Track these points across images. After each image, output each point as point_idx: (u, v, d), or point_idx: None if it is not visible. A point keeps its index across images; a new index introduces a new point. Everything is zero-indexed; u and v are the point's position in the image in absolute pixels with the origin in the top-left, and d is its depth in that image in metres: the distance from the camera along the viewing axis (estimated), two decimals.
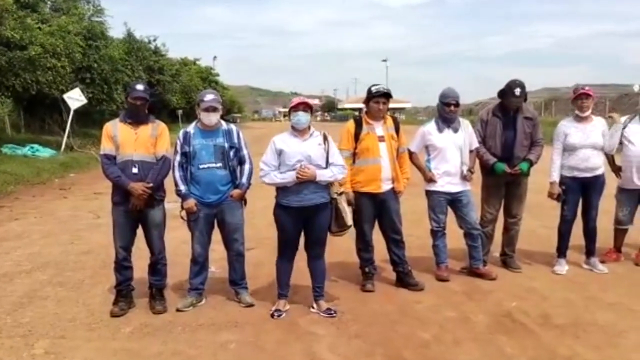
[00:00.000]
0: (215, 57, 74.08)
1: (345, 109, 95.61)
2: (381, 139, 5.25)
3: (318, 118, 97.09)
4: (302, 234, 4.86)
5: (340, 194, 4.89)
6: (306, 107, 4.73)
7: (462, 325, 4.58)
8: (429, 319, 4.71)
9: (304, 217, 4.73)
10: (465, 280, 5.72)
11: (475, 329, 4.53)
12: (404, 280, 5.47)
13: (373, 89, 5.24)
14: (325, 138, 4.78)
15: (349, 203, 5.10)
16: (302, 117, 4.70)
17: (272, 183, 4.72)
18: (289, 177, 4.62)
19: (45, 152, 19.06)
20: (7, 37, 18.07)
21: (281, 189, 4.73)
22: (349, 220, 4.91)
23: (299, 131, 4.74)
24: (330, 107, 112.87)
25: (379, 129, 5.27)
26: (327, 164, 4.71)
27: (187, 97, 45.51)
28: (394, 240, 5.42)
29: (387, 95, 5.22)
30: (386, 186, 5.27)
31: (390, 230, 5.40)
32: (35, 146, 19.47)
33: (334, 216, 4.84)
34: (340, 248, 6.01)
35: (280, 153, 4.69)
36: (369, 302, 5.13)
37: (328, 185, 4.77)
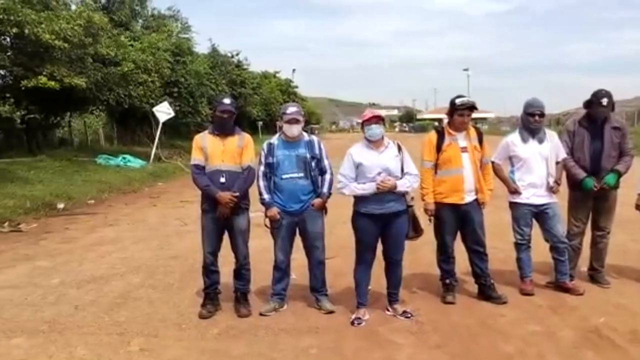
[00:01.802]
0: (294, 70, 75.46)
1: (425, 120, 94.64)
2: (464, 149, 5.23)
3: (396, 129, 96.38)
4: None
5: (412, 198, 4.99)
6: (378, 119, 4.85)
7: (546, 340, 4.47)
8: (512, 333, 4.63)
9: (382, 224, 4.84)
10: (551, 294, 5.56)
11: (561, 343, 4.41)
12: (486, 293, 5.40)
13: (457, 101, 5.24)
14: (399, 148, 4.90)
15: (430, 214, 5.20)
16: (376, 129, 4.82)
17: (352, 194, 4.86)
18: (369, 188, 4.73)
19: (135, 163, 20.09)
20: (103, 54, 19.25)
21: (361, 198, 4.85)
22: (423, 225, 5.06)
23: (374, 142, 4.85)
24: (408, 118, 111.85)
25: (461, 139, 5.25)
26: (402, 173, 4.82)
27: (267, 109, 46.66)
28: (477, 253, 5.37)
29: (471, 108, 5.21)
30: (469, 197, 5.23)
31: (473, 243, 5.35)
32: (127, 157, 20.57)
33: (410, 222, 4.96)
34: (421, 260, 6.02)
35: (358, 166, 4.81)
36: (449, 313, 5.10)
37: (404, 194, 4.88)
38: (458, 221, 5.29)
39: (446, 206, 5.23)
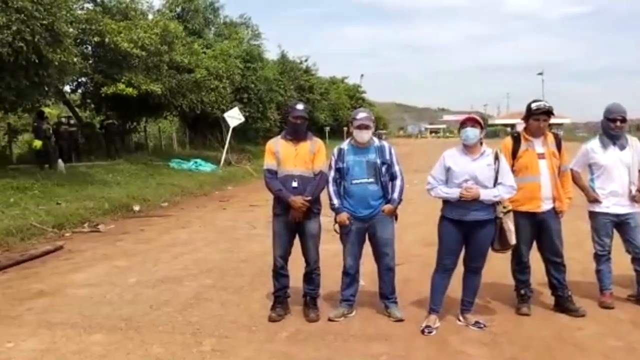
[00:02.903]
0: (362, 75, 75.70)
1: (496, 125, 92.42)
2: (541, 156, 5.05)
3: None
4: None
5: (507, 212, 4.82)
6: (475, 122, 4.75)
7: (628, 356, 4.25)
8: (591, 348, 4.42)
9: (465, 232, 4.75)
10: (632, 308, 5.28)
11: None
12: (563, 305, 5.19)
13: (533, 105, 5.08)
14: (496, 157, 4.75)
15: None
16: (470, 132, 4.71)
17: (437, 197, 4.82)
18: (452, 193, 4.67)
19: (206, 167, 20.64)
20: (177, 62, 19.93)
21: (447, 203, 4.79)
22: (513, 239, 4.84)
23: (469, 148, 4.75)
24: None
25: (538, 145, 5.08)
26: (496, 183, 4.68)
27: (334, 115, 46.89)
28: (554, 263, 5.17)
29: (548, 113, 5.04)
30: (546, 205, 5.05)
31: (549, 252, 5.16)
32: (199, 161, 21.17)
33: (497, 235, 4.80)
34: (495, 269, 5.86)
35: (448, 170, 4.75)
36: (524, 325, 4.93)
37: (494, 203, 4.74)
38: (534, 230, 5.11)
39: (522, 214, 5.06)
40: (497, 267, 5.85)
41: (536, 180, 5.03)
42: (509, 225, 4.81)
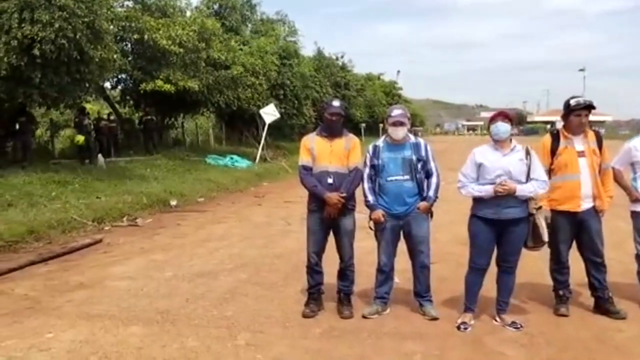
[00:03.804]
0: (398, 72, 75.34)
1: (535, 122, 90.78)
2: (581, 154, 4.93)
3: None
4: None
5: (539, 208, 4.75)
6: (505, 117, 4.70)
7: None
8: (632, 351, 4.31)
9: (499, 230, 4.68)
10: None
11: None
12: (603, 306, 5.05)
13: (572, 101, 4.96)
14: (527, 152, 4.69)
15: (546, 220, 4.91)
16: (501, 126, 4.66)
17: (469, 195, 4.75)
18: (486, 190, 4.60)
19: (242, 163, 20.81)
20: (214, 58, 20.12)
21: (478, 201, 4.73)
22: (545, 236, 4.76)
23: (499, 143, 4.70)
24: (518, 121, 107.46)
25: (578, 143, 4.96)
26: (528, 178, 4.61)
27: (370, 112, 46.69)
28: (594, 263, 5.04)
29: (588, 108, 4.91)
30: (586, 204, 4.92)
31: (589, 252, 5.03)
32: (235, 157, 21.36)
33: (530, 231, 4.73)
34: (531, 269, 5.76)
35: (479, 166, 4.68)
36: (562, 326, 4.83)
37: (527, 200, 4.67)
38: (574, 229, 4.99)
39: (561, 213, 4.95)
40: (534, 266, 5.75)
41: (576, 178, 4.91)
42: (541, 221, 4.74)
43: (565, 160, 4.94)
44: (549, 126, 78.66)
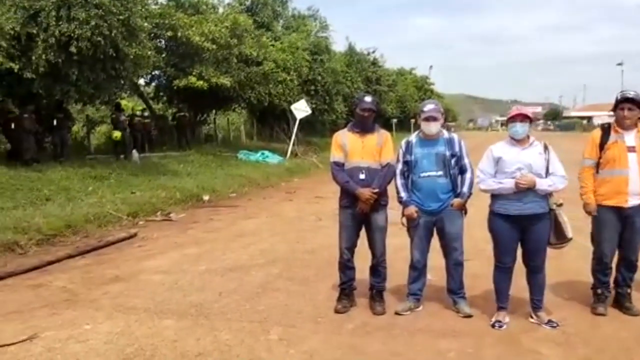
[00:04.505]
0: (431, 67, 74.66)
1: (572, 118, 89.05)
2: (631, 149, 4.78)
3: (539, 127, 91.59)
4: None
5: (560, 205, 4.66)
6: (524, 118, 4.65)
7: None
8: None
9: (521, 227, 4.61)
10: None
11: None
12: (619, 301, 5.02)
13: (619, 95, 4.86)
14: (545, 147, 4.64)
15: (589, 214, 4.86)
16: (520, 128, 4.63)
17: (488, 190, 4.70)
18: (506, 184, 4.54)
19: (273, 159, 20.88)
20: (246, 55, 20.21)
21: (498, 197, 4.66)
22: (569, 232, 4.67)
23: (517, 140, 4.66)
24: (554, 116, 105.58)
25: (629, 138, 4.81)
26: (547, 173, 4.56)
27: (401, 107, 46.36)
28: (628, 261, 4.93)
29: (634, 101, 4.77)
30: (633, 200, 4.77)
31: (627, 250, 4.90)
32: (266, 152, 21.45)
33: (553, 228, 4.65)
34: (567, 266, 5.66)
35: (498, 161, 4.64)
36: (600, 325, 4.73)
37: (547, 196, 4.60)
38: (620, 226, 4.85)
39: (607, 209, 4.83)
40: (572, 264, 5.64)
41: (624, 173, 4.77)
42: (563, 217, 4.66)
43: (614, 155, 4.81)
44: (585, 121, 77.06)
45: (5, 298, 5.71)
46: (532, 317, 4.77)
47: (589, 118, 78.82)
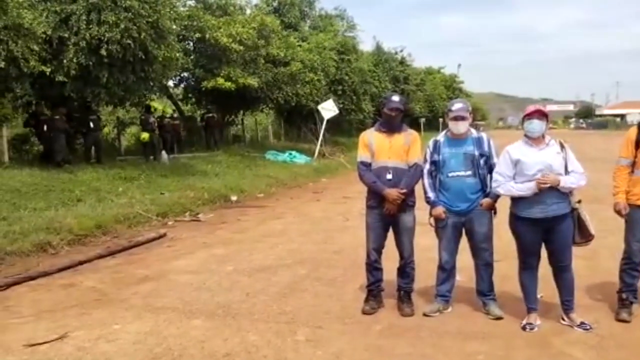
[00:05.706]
0: (459, 65, 73.88)
1: (605, 116, 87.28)
2: None
3: (572, 125, 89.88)
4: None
5: (579, 201, 4.56)
6: (541, 115, 4.55)
7: None
8: None
9: (545, 228, 4.52)
10: None
11: None
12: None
13: None
14: (562, 146, 4.56)
15: (619, 213, 4.75)
16: (537, 125, 4.53)
17: (508, 194, 4.61)
18: (527, 187, 4.45)
19: (301, 159, 20.91)
20: (273, 55, 20.29)
21: (519, 200, 4.57)
22: (592, 229, 4.58)
23: (533, 140, 4.57)
24: (586, 113, 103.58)
25: None
26: (566, 172, 4.47)
27: (430, 106, 46.06)
28: None
29: None
30: None
31: None
32: (293, 153, 21.49)
33: (576, 226, 4.56)
34: (600, 266, 5.53)
35: (517, 163, 4.54)
36: (634, 328, 4.60)
37: (568, 196, 4.51)
38: None
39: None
40: (606, 265, 5.50)
41: None
42: (585, 215, 4.56)
43: None
44: (618, 119, 75.47)
45: (38, 297, 5.81)
46: (563, 319, 4.67)
47: (622, 116, 77.22)
